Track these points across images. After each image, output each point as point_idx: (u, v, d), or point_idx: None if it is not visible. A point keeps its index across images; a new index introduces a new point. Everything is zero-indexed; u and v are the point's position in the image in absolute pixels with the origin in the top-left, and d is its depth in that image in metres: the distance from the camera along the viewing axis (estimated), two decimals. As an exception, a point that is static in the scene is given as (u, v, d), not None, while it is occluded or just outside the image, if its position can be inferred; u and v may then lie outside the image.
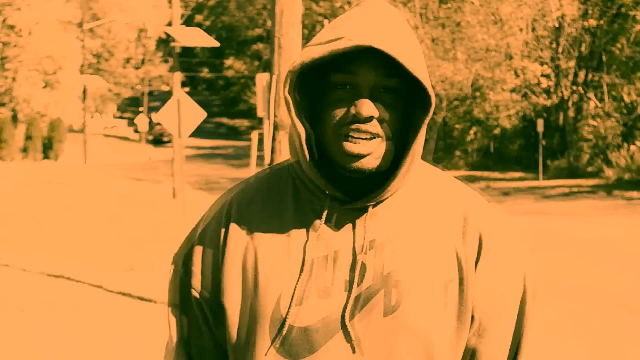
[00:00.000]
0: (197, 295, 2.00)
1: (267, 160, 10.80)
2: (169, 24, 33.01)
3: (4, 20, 53.90)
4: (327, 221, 1.90)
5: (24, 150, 54.68)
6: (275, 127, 10.65)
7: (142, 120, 68.21)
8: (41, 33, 54.17)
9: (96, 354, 8.94)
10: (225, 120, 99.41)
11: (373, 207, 1.90)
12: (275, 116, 10.69)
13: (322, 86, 1.91)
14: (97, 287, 12.61)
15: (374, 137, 1.84)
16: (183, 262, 2.05)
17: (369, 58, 1.84)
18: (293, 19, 10.53)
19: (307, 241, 1.90)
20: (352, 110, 1.83)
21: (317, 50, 1.85)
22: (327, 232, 1.90)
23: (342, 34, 1.84)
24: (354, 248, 1.87)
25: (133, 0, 75.17)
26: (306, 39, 63.73)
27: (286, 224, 1.93)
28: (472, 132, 54.53)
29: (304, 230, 1.91)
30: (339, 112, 1.85)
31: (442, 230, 1.92)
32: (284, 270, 1.89)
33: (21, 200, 25.18)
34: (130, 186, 34.55)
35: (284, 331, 1.85)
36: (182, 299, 2.04)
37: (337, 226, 1.90)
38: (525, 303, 1.98)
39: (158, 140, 79.28)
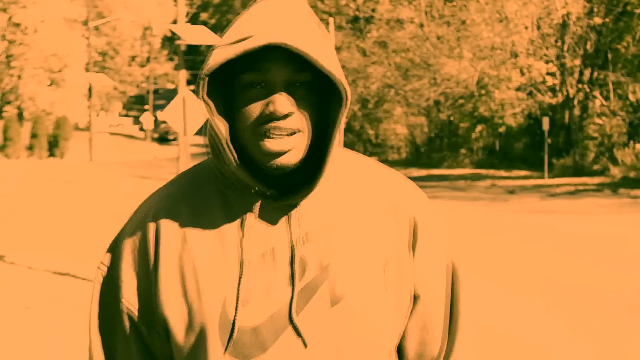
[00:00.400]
0: (128, 306, 1.95)
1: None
2: (174, 22, 32.97)
3: (10, 18, 53.95)
4: (260, 218, 1.88)
5: (30, 148, 54.77)
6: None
7: (147, 118, 68.27)
8: (47, 31, 54.24)
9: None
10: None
11: (299, 199, 1.90)
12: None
13: (234, 86, 1.89)
14: (102, 285, 12.61)
15: (294, 133, 1.84)
16: (108, 273, 2.01)
17: (279, 54, 1.82)
18: (298, 17, 10.52)
19: (242, 239, 1.87)
20: (270, 108, 1.81)
21: (228, 50, 1.83)
22: (261, 229, 1.88)
23: (250, 32, 1.83)
24: (291, 242, 1.86)
25: (138, -2, 75.23)
26: (311, 37, 63.65)
27: (217, 225, 1.90)
28: (477, 130, 54.51)
29: (236, 230, 1.89)
30: (255, 111, 1.83)
31: (373, 215, 1.94)
32: (224, 272, 1.86)
33: (27, 198, 25.21)
34: (135, 184, 34.57)
35: (234, 334, 1.83)
36: (109, 312, 2.00)
37: (270, 222, 1.88)
38: (458, 277, 2.05)
39: (163, 138, 79.39)
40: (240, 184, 1.89)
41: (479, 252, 16.23)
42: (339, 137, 1.85)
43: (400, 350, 2.03)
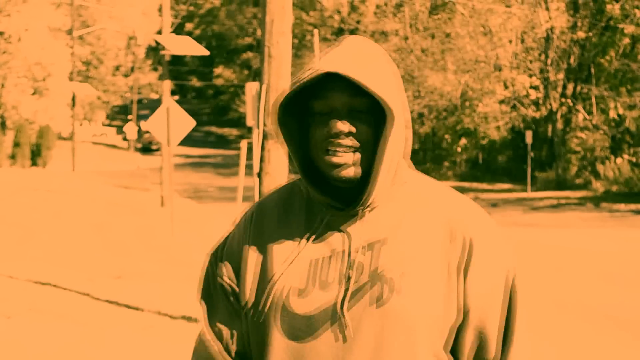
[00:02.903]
0: (222, 282, 2.37)
1: (255, 169, 10.81)
2: (159, 32, 33.00)
3: (-6, 26, 53.79)
4: (329, 227, 2.24)
5: (12, 157, 54.55)
6: (265, 136, 10.65)
7: (131, 128, 68.13)
8: (30, 40, 54.07)
9: (83, 362, 8.91)
10: (214, 128, 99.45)
11: (367, 212, 2.21)
12: (264, 125, 10.69)
13: (307, 111, 2.24)
14: (84, 295, 12.58)
15: (354, 149, 2.16)
16: (213, 256, 2.45)
17: (338, 83, 2.16)
18: (283, 29, 10.55)
19: (308, 242, 2.24)
20: (332, 127, 2.15)
21: (293, 84, 2.18)
22: (329, 236, 2.23)
23: (315, 66, 2.16)
24: (349, 248, 2.19)
25: (123, 8, 75.09)
26: (296, 48, 63.77)
27: (296, 229, 2.29)
28: (461, 143, 54.62)
29: (308, 234, 2.26)
30: (322, 132, 2.17)
31: (428, 232, 2.21)
32: (293, 267, 2.22)
33: (9, 207, 25.11)
34: (118, 194, 34.50)
35: (290, 318, 2.19)
36: (210, 286, 2.43)
37: (337, 229, 2.23)
38: (514, 300, 2.25)
39: (147, 148, 79.20)
40: (315, 197, 2.27)
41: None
42: (389, 154, 2.15)
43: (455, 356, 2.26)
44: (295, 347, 2.18)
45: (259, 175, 10.75)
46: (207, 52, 26.07)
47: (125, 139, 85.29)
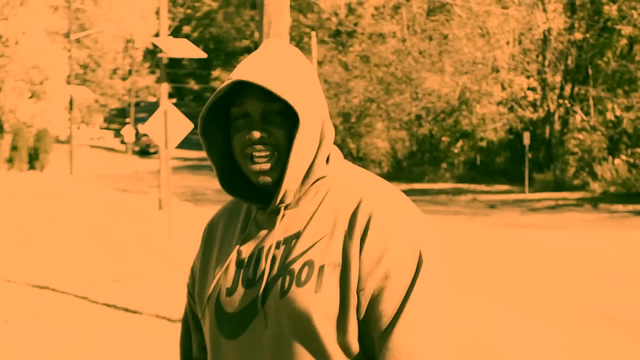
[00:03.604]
0: (188, 289, 2.63)
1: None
2: (157, 35, 32.98)
3: (-9, 30, 53.77)
4: (257, 226, 2.38)
5: (10, 160, 54.53)
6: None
7: (128, 131, 68.14)
8: (28, 43, 54.05)
9: (81, 365, 8.91)
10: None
11: (286, 209, 2.33)
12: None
13: (229, 118, 2.36)
14: (82, 299, 12.57)
15: (269, 154, 2.27)
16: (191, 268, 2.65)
17: (252, 90, 2.27)
18: (281, 31, 10.54)
19: (239, 242, 2.39)
20: (246, 136, 2.27)
21: (217, 92, 2.29)
22: (256, 234, 2.37)
23: (232, 75, 2.26)
24: (267, 246, 2.31)
25: (120, 11, 75.06)
26: (293, 50, 63.73)
27: (235, 230, 2.46)
28: (458, 144, 54.61)
29: (241, 236, 2.41)
30: (240, 138, 2.29)
31: (335, 223, 2.27)
32: (226, 271, 2.37)
33: (6, 211, 25.10)
34: (116, 197, 34.48)
35: (224, 317, 2.33)
36: (189, 300, 2.65)
37: (264, 229, 2.36)
38: (416, 274, 2.20)
39: (144, 151, 79.22)
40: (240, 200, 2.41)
41: (460, 266, 16.26)
42: (299, 155, 2.24)
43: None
44: (234, 344, 2.30)
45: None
46: (204, 55, 26.05)
47: (123, 142, 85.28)
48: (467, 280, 14.73)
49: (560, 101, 46.07)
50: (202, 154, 78.03)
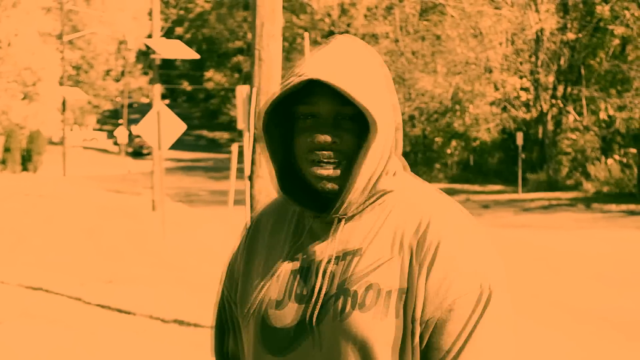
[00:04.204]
0: (225, 292, 2.42)
1: (247, 172, 10.80)
2: (149, 36, 32.97)
3: (-17, 31, 53.67)
4: (312, 236, 2.19)
5: (3, 162, 54.44)
6: (256, 139, 10.65)
7: (121, 133, 68.04)
8: (20, 45, 53.96)
9: (75, 366, 8.90)
10: (205, 132, 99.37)
11: (346, 222, 2.15)
12: (255, 128, 10.68)
13: (292, 116, 2.19)
14: (76, 300, 12.56)
15: (334, 161, 2.10)
16: (228, 265, 2.46)
17: (325, 90, 2.09)
18: (273, 32, 10.55)
19: (289, 253, 2.21)
20: (313, 139, 2.09)
21: (280, 88, 2.12)
22: (310, 244, 2.19)
23: (302, 71, 2.09)
24: (324, 259, 2.13)
25: (113, 12, 75.02)
26: (286, 51, 63.80)
27: (284, 238, 2.26)
28: (451, 145, 54.67)
29: (293, 244, 2.23)
30: (306, 140, 2.11)
31: (402, 245, 2.11)
32: (275, 280, 2.20)
33: (0, 213, 25.06)
34: (109, 198, 34.44)
35: (269, 332, 2.17)
36: (220, 293, 2.46)
37: (319, 239, 2.18)
38: (483, 313, 2.07)
39: (138, 152, 79.12)
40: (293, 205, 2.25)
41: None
42: (368, 164, 2.08)
43: None
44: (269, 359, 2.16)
45: (250, 178, 10.75)
46: (197, 56, 26.06)
47: (116, 143, 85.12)
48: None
49: (553, 101, 46.13)
50: (196, 155, 78.03)
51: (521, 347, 2.02)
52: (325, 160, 2.09)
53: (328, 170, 2.09)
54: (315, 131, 2.10)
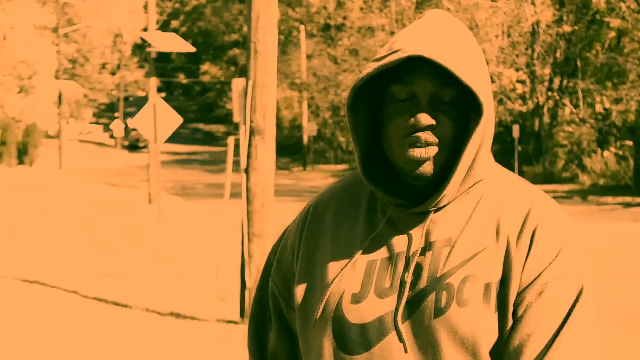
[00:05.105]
0: (272, 283, 2.20)
1: (242, 165, 10.80)
2: (145, 30, 32.89)
3: (-21, 25, 53.58)
4: (391, 225, 2.01)
5: (-1, 155, 54.41)
6: (252, 133, 10.65)
7: (117, 126, 68.02)
8: (16, 38, 53.88)
9: (72, 359, 8.90)
10: (201, 125, 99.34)
11: (434, 212, 1.99)
12: (251, 121, 10.68)
13: (384, 97, 2.00)
14: (72, 293, 12.56)
15: (434, 144, 1.93)
16: (271, 253, 2.26)
17: (425, 68, 1.93)
18: (269, 24, 10.55)
19: (366, 242, 2.02)
20: (412, 121, 1.92)
21: (373, 65, 1.95)
22: (390, 235, 2.00)
23: (398, 46, 1.94)
24: (410, 251, 1.97)
25: (108, 5, 74.87)
26: (282, 44, 63.71)
27: (355, 226, 2.06)
28: (448, 137, 54.68)
29: (369, 234, 2.03)
30: (401, 122, 1.94)
31: (498, 233, 1.97)
32: (348, 271, 2.00)
33: (-4, 206, 25.04)
34: (105, 192, 34.43)
35: (343, 327, 1.97)
36: (261, 284, 2.25)
37: (400, 230, 2.00)
38: (573, 311, 1.93)
39: (134, 145, 79.15)
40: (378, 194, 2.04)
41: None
42: (471, 151, 1.95)
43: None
44: (345, 358, 1.96)
45: (246, 171, 10.75)
46: (193, 49, 26.06)
47: (112, 136, 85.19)
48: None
49: (549, 94, 46.14)
50: (192, 148, 78.01)
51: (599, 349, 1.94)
52: (421, 144, 1.92)
53: (425, 154, 1.93)
54: (414, 112, 1.93)
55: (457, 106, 1.96)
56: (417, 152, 1.92)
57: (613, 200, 31.69)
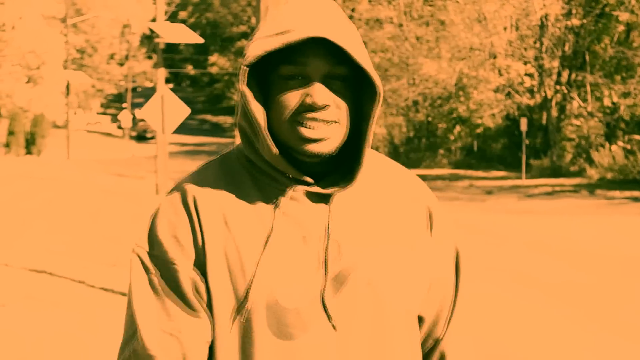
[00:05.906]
0: (178, 276, 2.01)
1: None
2: (153, 20, 32.92)
3: (-13, 15, 53.62)
4: (294, 205, 1.98)
5: (7, 145, 54.51)
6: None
7: (125, 117, 68.07)
8: (24, 28, 53.92)
9: (78, 349, 8.93)
10: (209, 116, 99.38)
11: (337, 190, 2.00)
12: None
13: (271, 77, 1.98)
14: (79, 283, 12.58)
15: (331, 123, 1.94)
16: (150, 252, 2.09)
17: (317, 48, 1.93)
18: (278, 16, 10.54)
19: (274, 222, 1.97)
20: (308, 100, 1.91)
21: (268, 43, 1.92)
22: (297, 213, 1.98)
23: (289, 26, 1.92)
24: (327, 228, 1.97)
25: (117, -5, 74.95)
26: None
27: (255, 209, 1.99)
28: (455, 130, 54.62)
29: (272, 213, 1.98)
30: (293, 101, 1.93)
31: (397, 205, 2.08)
32: (267, 255, 1.95)
33: (3, 196, 25.10)
34: (113, 182, 34.47)
35: (276, 314, 1.93)
36: (154, 284, 2.05)
37: (306, 208, 1.99)
38: (460, 264, 2.20)
39: (141, 136, 79.21)
40: (275, 170, 1.99)
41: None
42: (372, 134, 1.98)
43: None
44: (285, 345, 1.93)
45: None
46: (201, 40, 26.03)
47: (120, 127, 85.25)
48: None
49: (558, 87, 46.06)
50: (199, 139, 78.01)
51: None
52: (316, 123, 1.92)
53: (320, 132, 1.93)
54: (308, 92, 1.92)
55: (349, 86, 1.97)
56: (311, 133, 1.92)
57: (621, 194, 31.63)
